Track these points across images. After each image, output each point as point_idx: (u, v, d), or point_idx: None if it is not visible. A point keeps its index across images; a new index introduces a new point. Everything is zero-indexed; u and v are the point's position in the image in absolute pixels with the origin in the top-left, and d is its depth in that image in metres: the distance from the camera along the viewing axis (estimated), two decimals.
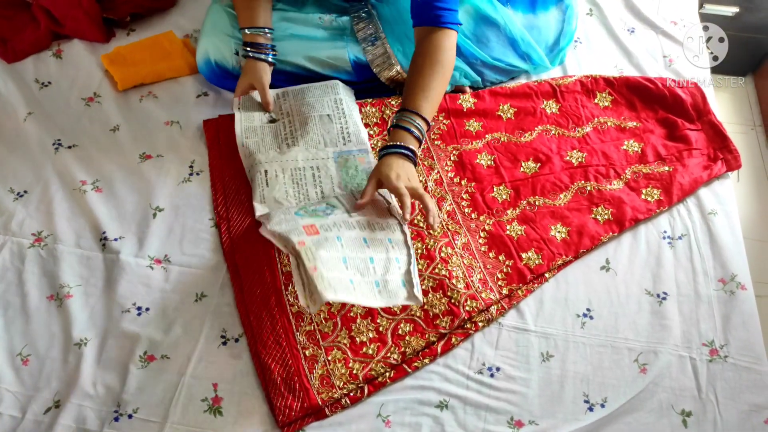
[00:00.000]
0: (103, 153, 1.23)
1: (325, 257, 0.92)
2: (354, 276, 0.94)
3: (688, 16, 1.51)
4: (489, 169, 1.22)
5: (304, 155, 1.17)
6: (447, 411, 0.96)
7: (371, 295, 0.93)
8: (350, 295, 0.90)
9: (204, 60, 1.28)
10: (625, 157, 1.24)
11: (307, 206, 1.06)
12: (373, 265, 0.96)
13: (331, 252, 0.94)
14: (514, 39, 1.31)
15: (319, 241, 0.94)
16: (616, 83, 1.33)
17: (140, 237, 1.12)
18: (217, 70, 1.27)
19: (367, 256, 0.97)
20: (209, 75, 1.29)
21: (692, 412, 0.97)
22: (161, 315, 1.04)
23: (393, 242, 1.01)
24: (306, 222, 0.99)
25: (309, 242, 0.93)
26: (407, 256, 1.00)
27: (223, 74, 1.28)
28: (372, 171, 1.06)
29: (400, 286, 0.95)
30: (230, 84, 1.30)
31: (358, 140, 1.21)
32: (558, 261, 1.10)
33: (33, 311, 1.03)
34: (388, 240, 1.00)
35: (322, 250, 0.93)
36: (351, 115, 1.23)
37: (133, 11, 1.44)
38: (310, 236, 0.95)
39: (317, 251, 0.92)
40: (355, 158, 1.18)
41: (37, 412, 0.94)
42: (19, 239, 1.11)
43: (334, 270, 0.91)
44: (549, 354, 1.02)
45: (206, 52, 1.27)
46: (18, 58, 1.37)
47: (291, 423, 0.94)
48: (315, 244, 0.93)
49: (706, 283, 1.09)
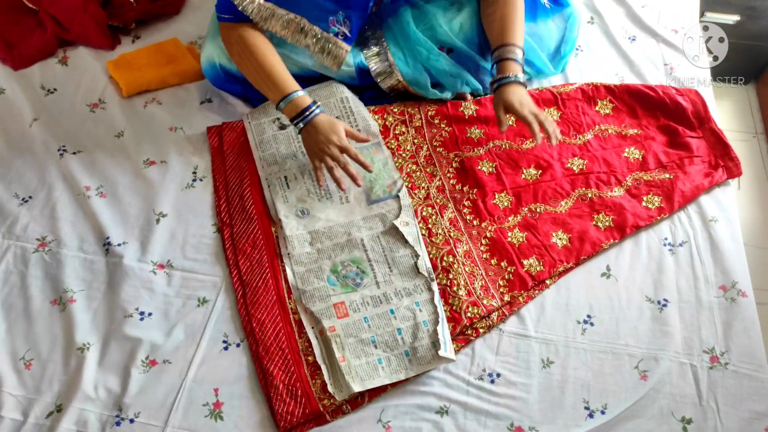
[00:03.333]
0: (107, 158, 1.24)
1: (353, 344, 1.00)
2: (383, 353, 0.99)
3: (689, 24, 1.51)
4: (490, 175, 1.22)
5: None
6: (447, 416, 0.96)
7: (401, 368, 0.98)
8: (378, 380, 0.97)
9: (209, 63, 1.28)
10: (626, 164, 1.24)
11: (338, 268, 1.09)
12: (401, 336, 1.01)
13: (359, 335, 1.01)
14: None
15: (347, 326, 1.02)
16: (617, 91, 1.33)
17: (143, 242, 1.13)
18: (221, 73, 1.28)
19: (394, 329, 1.02)
20: (214, 78, 1.30)
21: (693, 419, 0.97)
22: (163, 319, 1.04)
23: (420, 305, 1.04)
24: (337, 299, 1.05)
25: (339, 327, 1.02)
26: (434, 315, 1.03)
27: (228, 77, 1.28)
28: (495, 102, 1.15)
29: (429, 349, 0.99)
30: (235, 87, 1.30)
31: (369, 134, 1.24)
32: (559, 267, 1.10)
33: (36, 315, 1.04)
34: (415, 304, 1.04)
35: (350, 337, 1.01)
36: (359, 112, 1.26)
37: (138, 18, 1.45)
38: (341, 320, 1.03)
39: (346, 339, 1.01)
40: (369, 152, 1.22)
41: (38, 415, 0.95)
42: (23, 243, 1.12)
43: (362, 356, 0.99)
44: (549, 360, 1.02)
45: (211, 55, 1.28)
46: (24, 65, 1.38)
47: (292, 429, 0.95)
48: (344, 330, 1.02)
49: (707, 290, 1.09)
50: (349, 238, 1.12)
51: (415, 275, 1.07)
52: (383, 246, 1.11)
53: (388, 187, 1.19)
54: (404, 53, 1.27)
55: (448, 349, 0.98)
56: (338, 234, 1.12)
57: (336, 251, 1.11)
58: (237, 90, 1.31)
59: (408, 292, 1.06)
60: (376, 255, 1.10)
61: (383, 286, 1.07)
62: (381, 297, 1.06)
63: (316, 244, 1.12)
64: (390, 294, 1.06)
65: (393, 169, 1.21)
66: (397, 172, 1.21)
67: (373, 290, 1.06)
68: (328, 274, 1.08)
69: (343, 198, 1.17)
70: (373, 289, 1.07)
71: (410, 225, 1.13)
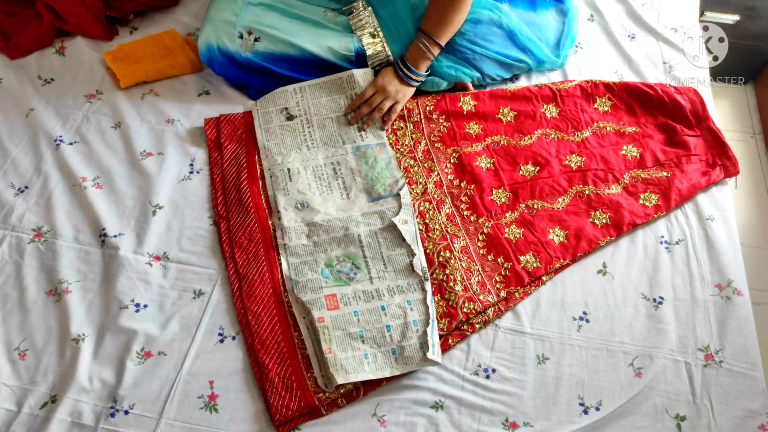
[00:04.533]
0: (104, 150, 1.24)
1: (341, 337, 1.00)
2: (370, 348, 0.99)
3: (688, 23, 1.51)
4: (488, 171, 1.22)
5: (324, 154, 1.22)
6: (442, 411, 0.97)
7: (387, 366, 0.98)
8: (363, 374, 0.96)
9: (206, 46, 1.27)
10: (624, 162, 1.24)
11: (333, 263, 1.09)
12: (390, 333, 1.01)
13: (347, 329, 1.01)
14: (512, 31, 1.31)
15: (337, 318, 1.02)
16: (615, 88, 1.33)
17: (139, 234, 1.12)
18: (219, 56, 1.26)
19: (383, 325, 1.02)
20: (211, 62, 1.28)
21: (686, 417, 0.97)
22: (159, 311, 1.04)
23: (412, 304, 1.04)
24: (329, 291, 1.05)
25: (328, 319, 1.02)
26: (425, 315, 1.02)
27: (226, 61, 1.27)
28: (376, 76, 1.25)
29: (417, 349, 0.99)
30: (233, 72, 1.29)
31: (374, 134, 1.25)
32: (556, 264, 1.11)
33: (31, 305, 1.04)
34: (407, 303, 1.04)
35: (338, 330, 1.01)
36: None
37: (136, 9, 1.44)
38: (330, 311, 1.03)
39: (334, 331, 1.00)
40: (374, 150, 1.23)
41: (33, 406, 0.95)
42: (18, 234, 1.11)
43: (348, 350, 0.99)
44: (544, 356, 1.02)
45: (209, 37, 1.26)
46: (21, 55, 1.38)
47: (287, 422, 0.95)
48: (333, 322, 1.01)
49: (702, 288, 1.10)
50: (346, 233, 1.12)
51: (409, 274, 1.07)
52: (380, 243, 1.11)
53: (389, 185, 1.18)
54: (398, 44, 1.27)
55: (436, 351, 0.98)
56: (336, 228, 1.12)
57: (332, 245, 1.11)
58: (235, 75, 1.30)
59: (401, 290, 1.06)
60: (371, 251, 1.10)
61: (376, 282, 1.07)
62: (373, 292, 1.06)
63: (313, 237, 1.12)
64: (382, 290, 1.06)
65: (396, 168, 1.21)
66: (400, 171, 1.21)
67: (366, 285, 1.06)
68: (322, 267, 1.08)
69: (344, 194, 1.17)
70: (366, 284, 1.06)
71: (409, 224, 1.13)
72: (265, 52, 1.26)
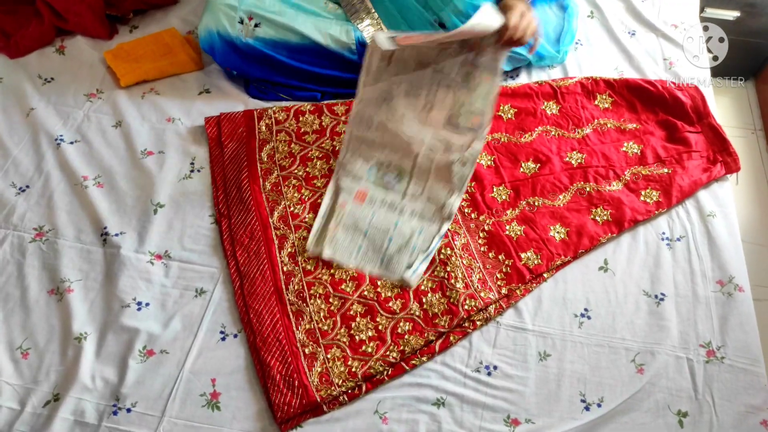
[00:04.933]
0: (105, 149, 1.24)
1: (349, 225, 1.10)
2: (365, 245, 1.10)
3: (688, 20, 1.51)
4: (489, 169, 1.22)
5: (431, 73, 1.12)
6: (444, 408, 0.97)
7: (369, 264, 1.08)
8: (347, 260, 1.07)
9: (207, 32, 1.26)
10: (625, 158, 1.24)
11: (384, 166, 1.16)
12: (388, 245, 1.08)
13: (358, 222, 1.11)
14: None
15: (355, 210, 1.13)
16: (616, 85, 1.33)
17: (141, 232, 1.12)
18: (219, 42, 1.26)
19: (388, 236, 1.10)
20: (211, 49, 1.27)
21: (688, 413, 0.97)
22: (161, 310, 1.04)
23: (423, 233, 1.10)
24: (364, 187, 1.15)
25: (349, 206, 1.13)
26: (427, 245, 1.09)
27: (226, 47, 1.26)
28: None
29: (402, 267, 1.06)
30: (234, 60, 1.28)
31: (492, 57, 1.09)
32: (557, 261, 1.11)
33: (33, 305, 1.04)
34: (419, 230, 1.11)
35: (351, 218, 1.11)
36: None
37: (135, 7, 1.44)
38: (354, 202, 1.14)
39: (347, 218, 1.11)
40: (482, 73, 1.09)
41: (36, 404, 0.95)
42: (20, 233, 1.11)
43: (349, 236, 1.09)
44: (546, 353, 1.02)
45: (209, 24, 1.25)
46: (21, 54, 1.38)
47: (289, 419, 0.95)
48: (351, 210, 1.12)
49: (704, 285, 1.10)
50: (408, 147, 1.14)
51: (438, 210, 1.12)
52: (431, 170, 1.14)
53: (473, 119, 1.12)
54: (399, 26, 1.26)
55: (415, 276, 1.06)
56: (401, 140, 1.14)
57: (391, 152, 1.15)
58: (235, 63, 1.29)
59: (422, 217, 1.12)
60: (419, 173, 1.14)
61: (407, 200, 1.13)
62: (398, 207, 1.13)
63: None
64: (407, 210, 1.13)
65: (489, 104, 1.10)
66: (492, 110, 1.11)
67: (396, 199, 1.13)
68: (372, 165, 1.15)
69: (428, 106, 1.12)
70: (397, 198, 1.13)
71: (466, 167, 1.14)
72: (266, 38, 1.25)
